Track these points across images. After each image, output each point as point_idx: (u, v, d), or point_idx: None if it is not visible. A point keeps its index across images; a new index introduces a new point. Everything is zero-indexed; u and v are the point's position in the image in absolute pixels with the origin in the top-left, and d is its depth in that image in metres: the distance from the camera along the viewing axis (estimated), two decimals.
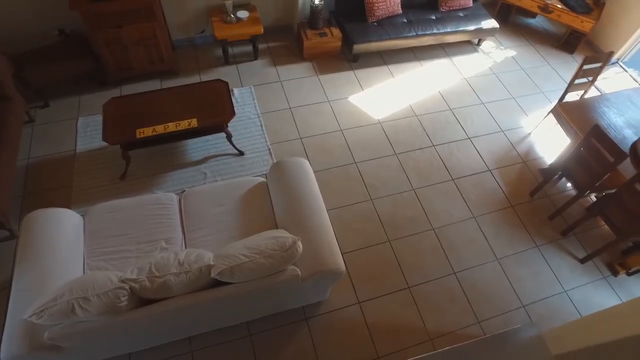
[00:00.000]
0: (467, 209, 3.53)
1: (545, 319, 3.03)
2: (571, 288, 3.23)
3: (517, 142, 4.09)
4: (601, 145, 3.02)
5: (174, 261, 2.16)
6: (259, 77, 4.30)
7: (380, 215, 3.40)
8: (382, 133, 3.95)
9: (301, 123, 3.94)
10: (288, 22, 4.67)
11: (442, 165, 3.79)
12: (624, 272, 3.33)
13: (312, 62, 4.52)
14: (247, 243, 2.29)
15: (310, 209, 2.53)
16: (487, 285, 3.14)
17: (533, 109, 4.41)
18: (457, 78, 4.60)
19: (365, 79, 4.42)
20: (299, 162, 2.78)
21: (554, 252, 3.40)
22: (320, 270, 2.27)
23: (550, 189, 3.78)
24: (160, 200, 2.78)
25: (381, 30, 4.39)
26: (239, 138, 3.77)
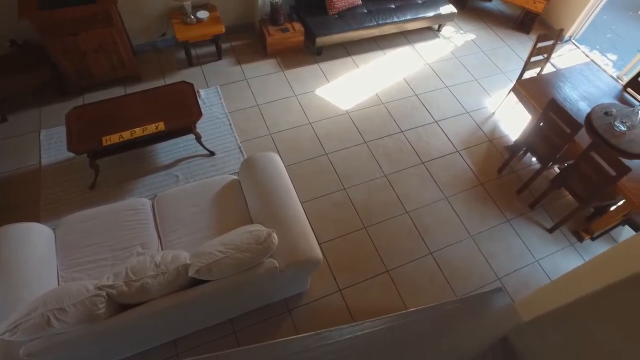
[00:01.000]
0: (439, 190, 3.62)
1: (520, 288, 3.15)
2: (542, 257, 3.36)
3: (482, 122, 4.21)
4: (558, 118, 3.15)
5: (150, 264, 2.16)
6: (225, 77, 4.28)
7: (355, 203, 3.45)
8: (351, 123, 4.00)
9: (270, 119, 3.95)
10: (249, 19, 4.66)
11: (411, 149, 3.87)
12: (588, 238, 3.49)
13: (277, 58, 4.52)
14: (223, 240, 2.30)
15: (283, 201, 2.55)
16: (463, 262, 3.24)
17: (495, 89, 4.54)
18: (421, 64, 4.69)
19: (330, 71, 4.46)
20: (269, 157, 2.80)
21: (523, 224, 3.53)
22: (298, 260, 2.31)
23: (517, 165, 3.92)
24: (132, 206, 2.76)
25: (342, 22, 4.44)
26: (209, 138, 3.75)
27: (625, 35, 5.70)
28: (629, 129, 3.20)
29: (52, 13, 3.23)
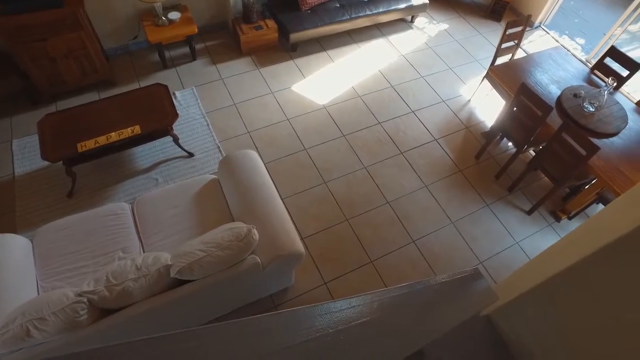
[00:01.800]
0: (419, 179, 3.67)
1: (502, 270, 3.22)
2: (522, 239, 3.44)
3: (459, 110, 4.27)
4: (530, 101, 3.22)
5: (131, 267, 2.15)
6: (200, 77, 4.25)
7: (336, 196, 3.48)
8: (328, 117, 4.02)
9: (247, 117, 3.95)
10: (222, 18, 4.63)
11: (389, 140, 3.91)
12: (565, 217, 3.58)
13: (252, 56, 4.51)
14: (204, 239, 2.30)
15: (263, 197, 2.56)
16: (446, 248, 3.29)
17: (469, 77, 4.61)
18: (395, 56, 4.73)
19: (305, 66, 4.46)
20: (247, 154, 2.80)
21: (503, 208, 3.60)
22: (280, 255, 2.32)
23: (494, 150, 3.99)
24: (112, 211, 2.73)
25: (315, 17, 4.44)
26: (187, 140, 3.73)
27: (592, 20, 5.85)
28: (597, 109, 3.28)
29: (16, 18, 3.16)
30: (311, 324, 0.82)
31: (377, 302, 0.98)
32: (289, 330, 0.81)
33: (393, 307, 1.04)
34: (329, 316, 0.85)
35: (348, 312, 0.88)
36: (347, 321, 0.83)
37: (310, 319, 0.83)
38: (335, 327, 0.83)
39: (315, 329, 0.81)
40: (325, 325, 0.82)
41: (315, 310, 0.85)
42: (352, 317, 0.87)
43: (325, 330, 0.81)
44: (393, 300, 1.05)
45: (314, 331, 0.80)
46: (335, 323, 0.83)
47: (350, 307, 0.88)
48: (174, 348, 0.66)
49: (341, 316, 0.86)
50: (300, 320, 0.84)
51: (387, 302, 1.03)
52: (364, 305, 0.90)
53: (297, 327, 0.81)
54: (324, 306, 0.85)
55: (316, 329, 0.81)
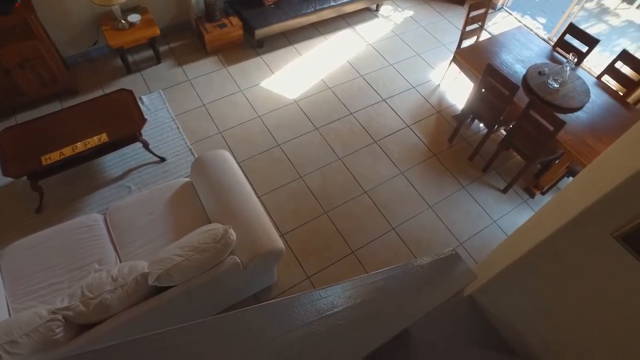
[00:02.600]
0: (394, 167, 3.69)
1: (482, 250, 3.28)
2: (499, 217, 3.50)
3: (429, 95, 4.30)
4: (497, 82, 3.26)
5: (107, 279, 2.09)
6: (167, 80, 4.16)
7: (312, 190, 3.46)
8: (300, 111, 4.00)
9: (218, 117, 3.88)
10: (185, 18, 4.53)
11: (362, 130, 3.92)
12: (539, 193, 3.66)
13: (218, 55, 4.44)
14: (180, 243, 2.26)
15: (238, 196, 2.53)
16: (425, 233, 3.32)
17: (437, 62, 4.65)
18: (363, 45, 4.73)
19: (273, 62, 4.42)
20: (218, 154, 2.76)
21: (478, 188, 3.65)
22: (259, 253, 2.29)
23: (466, 132, 4.04)
24: (83, 223, 2.65)
25: (280, 11, 4.40)
26: (157, 145, 3.64)
27: None
28: (561, 85, 3.36)
29: None
30: (291, 314, 0.80)
31: (357, 289, 0.98)
32: (270, 323, 0.80)
33: (374, 292, 1.04)
34: (310, 305, 0.84)
35: (326, 301, 0.87)
36: (324, 310, 0.82)
37: (289, 309, 0.82)
38: (317, 315, 0.82)
39: (296, 318, 0.80)
40: (306, 314, 0.81)
41: (295, 301, 0.83)
42: (331, 305, 0.86)
43: (306, 319, 0.80)
44: (373, 285, 1.04)
45: (295, 320, 0.79)
46: (315, 312, 0.82)
47: (327, 296, 0.87)
48: (143, 352, 0.63)
49: (321, 305, 0.85)
50: (280, 312, 0.82)
51: (367, 288, 1.03)
52: (342, 293, 0.90)
53: (276, 320, 0.80)
54: (304, 296, 0.84)
55: (297, 318, 0.80)
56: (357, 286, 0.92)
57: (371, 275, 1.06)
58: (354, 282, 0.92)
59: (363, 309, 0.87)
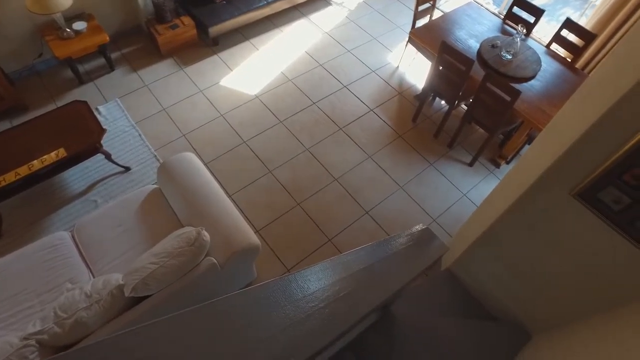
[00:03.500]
0: (362, 152, 3.72)
1: (455, 224, 3.36)
2: (468, 190, 3.59)
3: (389, 78, 4.35)
4: (452, 58, 3.32)
5: (80, 296, 2.03)
6: (123, 87, 4.03)
7: (283, 183, 3.46)
8: (263, 106, 3.96)
9: (180, 121, 3.81)
10: (134, 22, 4.39)
11: (327, 119, 3.92)
12: (504, 162, 3.78)
13: (173, 56, 4.33)
14: (154, 250, 2.22)
15: (208, 197, 2.50)
16: (399, 213, 3.38)
17: (394, 44, 4.69)
18: (319, 34, 4.72)
19: (231, 59, 4.35)
20: (183, 157, 2.71)
21: (446, 164, 3.73)
22: (235, 252, 2.28)
23: (428, 111, 4.11)
24: (49, 243, 2.56)
25: (231, 7, 4.33)
26: (120, 154, 3.54)
27: None
28: (513, 56, 3.45)
29: None
30: (261, 302, 0.81)
31: (327, 270, 0.99)
32: (241, 313, 0.80)
33: (347, 271, 1.05)
34: (279, 292, 0.84)
35: (297, 284, 0.88)
36: (295, 294, 0.83)
37: (258, 298, 0.82)
38: (287, 300, 0.83)
39: (267, 305, 0.80)
40: (276, 299, 0.82)
41: (264, 289, 0.84)
42: (301, 289, 0.86)
43: (277, 305, 0.80)
44: (343, 265, 1.06)
45: (266, 307, 0.79)
46: (285, 297, 0.83)
47: (296, 280, 0.87)
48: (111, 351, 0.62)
49: (291, 289, 0.85)
50: (248, 302, 0.82)
51: (337, 269, 1.04)
52: (312, 276, 0.91)
53: (246, 311, 0.80)
54: (272, 283, 0.85)
55: (268, 305, 0.80)
56: (326, 268, 0.93)
57: (342, 256, 1.08)
58: (323, 265, 0.93)
59: (334, 289, 0.88)
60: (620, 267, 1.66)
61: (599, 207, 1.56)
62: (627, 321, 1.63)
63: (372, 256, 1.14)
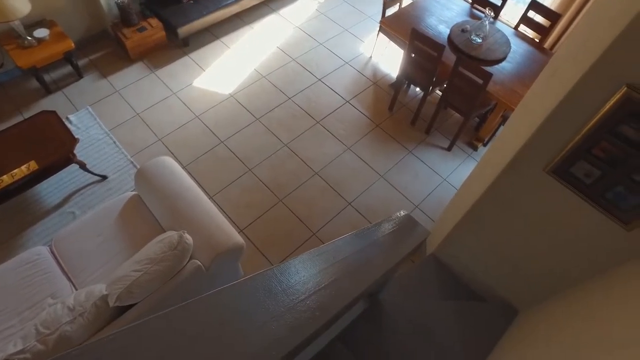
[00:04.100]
0: (340, 143, 3.73)
1: (437, 209, 3.39)
2: (448, 175, 3.64)
3: (363, 68, 4.35)
4: (424, 44, 3.34)
5: (62, 310, 1.99)
6: (93, 95, 3.93)
7: (264, 180, 3.44)
8: (238, 105, 3.92)
9: (155, 125, 3.74)
10: (100, 27, 4.28)
11: (303, 113, 3.91)
12: (481, 145, 3.84)
13: (143, 60, 4.25)
14: (137, 258, 2.18)
15: (188, 200, 2.46)
16: (382, 202, 3.40)
17: (366, 34, 4.69)
18: (290, 29, 4.69)
19: (202, 59, 4.29)
20: (160, 161, 2.67)
21: (425, 150, 3.77)
22: (219, 253, 2.26)
23: (404, 99, 4.13)
24: (26, 260, 2.49)
25: (199, 6, 4.26)
26: (96, 163, 3.47)
27: None
28: (483, 39, 3.49)
29: None
30: (240, 299, 0.80)
31: (308, 262, 0.99)
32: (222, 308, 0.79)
33: (327, 262, 1.05)
34: (259, 287, 0.84)
35: (277, 279, 0.87)
36: (274, 288, 0.83)
37: (237, 295, 0.82)
38: (268, 295, 0.82)
39: (246, 302, 0.80)
40: (256, 295, 0.82)
41: (243, 285, 0.83)
42: (282, 283, 0.86)
43: (257, 300, 0.80)
44: (326, 255, 1.06)
45: (246, 304, 0.79)
46: (265, 291, 0.83)
47: (276, 274, 0.87)
48: None
49: (272, 284, 0.85)
50: (230, 297, 0.82)
51: (320, 259, 1.04)
52: (292, 269, 0.90)
53: (228, 306, 0.80)
54: (251, 280, 0.84)
55: (248, 302, 0.80)
56: (305, 260, 0.93)
57: (321, 248, 1.08)
58: (302, 258, 0.93)
59: (315, 280, 0.88)
60: (594, 239, 1.71)
61: (572, 182, 1.60)
62: (598, 291, 1.68)
63: (351, 246, 1.15)
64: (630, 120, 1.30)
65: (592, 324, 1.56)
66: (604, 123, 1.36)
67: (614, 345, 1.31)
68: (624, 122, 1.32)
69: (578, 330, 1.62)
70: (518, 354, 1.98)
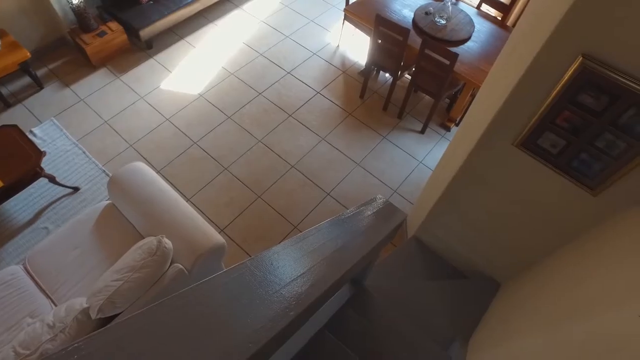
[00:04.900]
0: (315, 135, 3.72)
1: (415, 192, 3.43)
2: (423, 157, 3.68)
3: (331, 58, 4.35)
4: (389, 30, 3.36)
5: (42, 328, 1.94)
6: (56, 105, 3.81)
7: (241, 178, 3.41)
8: (208, 104, 3.87)
9: (124, 131, 3.65)
10: (57, 34, 4.13)
11: (275, 107, 3.89)
12: (453, 125, 3.89)
13: (107, 65, 4.13)
14: (116, 267, 2.14)
15: (164, 204, 2.43)
16: (360, 190, 3.42)
17: (331, 24, 4.68)
18: (255, 23, 4.63)
19: (168, 60, 4.20)
20: (133, 167, 2.61)
21: (398, 135, 3.80)
22: (201, 254, 2.24)
23: (374, 85, 4.15)
24: (0, 281, 2.41)
25: (160, 6, 4.16)
26: (66, 175, 3.37)
27: None
28: (447, 21, 3.53)
29: None
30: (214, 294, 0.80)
31: (286, 250, 0.99)
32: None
33: (304, 249, 1.06)
34: (235, 281, 0.83)
35: (254, 272, 0.87)
36: (252, 282, 0.83)
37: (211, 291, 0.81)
38: (246, 289, 0.82)
39: (221, 297, 0.79)
40: (233, 289, 0.81)
41: (216, 280, 0.83)
42: (258, 276, 0.86)
43: (235, 295, 0.79)
44: (302, 243, 1.06)
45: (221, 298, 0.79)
46: (244, 285, 0.82)
47: (252, 266, 0.87)
48: None
49: (249, 278, 0.85)
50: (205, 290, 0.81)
51: (297, 247, 1.04)
52: (270, 259, 0.90)
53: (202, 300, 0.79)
54: (224, 274, 0.84)
55: (224, 297, 0.79)
56: (281, 250, 0.93)
57: (297, 237, 1.08)
58: (276, 249, 0.93)
59: (293, 269, 0.89)
60: (565, 207, 1.76)
61: (540, 153, 1.64)
62: (572, 257, 1.73)
63: (326, 234, 1.15)
64: (588, 89, 1.34)
65: (567, 285, 1.61)
66: (565, 93, 1.40)
67: (587, 304, 1.36)
68: (582, 91, 1.36)
69: (554, 293, 1.67)
70: (502, 319, 2.04)
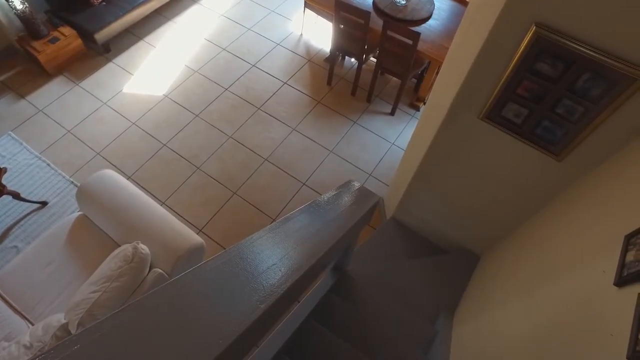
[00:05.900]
0: (285, 126, 3.70)
1: (390, 174, 3.46)
2: (395, 139, 3.71)
3: (295, 47, 4.30)
4: (350, 14, 3.34)
5: (18, 351, 1.88)
6: (12, 119, 3.65)
7: (214, 176, 3.36)
8: (174, 104, 3.78)
9: (90, 139, 3.54)
10: (4, 43, 3.92)
11: (243, 102, 3.83)
12: (422, 104, 3.93)
13: (63, 73, 3.97)
14: (93, 279, 2.09)
15: (137, 210, 2.37)
16: (335, 177, 3.42)
17: (292, 13, 4.62)
18: (215, 18, 4.54)
19: (128, 63, 4.08)
20: (101, 175, 2.54)
21: (369, 119, 3.81)
22: (180, 256, 2.21)
23: (340, 71, 4.14)
24: None
25: (113, 7, 4.01)
26: (31, 190, 3.25)
27: None
28: (407, 1, 3.54)
29: None
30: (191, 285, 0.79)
31: (262, 239, 0.98)
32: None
33: (277, 238, 1.05)
34: (211, 272, 0.83)
35: (228, 263, 0.86)
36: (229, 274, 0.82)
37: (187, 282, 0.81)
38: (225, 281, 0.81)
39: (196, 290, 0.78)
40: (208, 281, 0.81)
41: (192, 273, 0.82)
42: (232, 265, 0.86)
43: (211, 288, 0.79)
44: (276, 230, 1.06)
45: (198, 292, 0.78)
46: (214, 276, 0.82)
47: (225, 258, 0.86)
48: None
49: (225, 269, 0.84)
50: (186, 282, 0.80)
51: (271, 236, 1.04)
52: (247, 249, 0.90)
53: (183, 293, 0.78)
54: (199, 268, 0.83)
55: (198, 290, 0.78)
56: (255, 241, 0.92)
57: (271, 226, 1.08)
58: (252, 237, 0.92)
59: (268, 258, 0.89)
60: (532, 175, 1.80)
61: (504, 124, 1.67)
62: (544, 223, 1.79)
63: (299, 222, 1.15)
64: (545, 57, 1.37)
65: (541, 250, 1.66)
66: (523, 63, 1.42)
67: (559, 265, 1.41)
68: (539, 60, 1.39)
69: (530, 259, 1.72)
70: (483, 289, 2.09)
